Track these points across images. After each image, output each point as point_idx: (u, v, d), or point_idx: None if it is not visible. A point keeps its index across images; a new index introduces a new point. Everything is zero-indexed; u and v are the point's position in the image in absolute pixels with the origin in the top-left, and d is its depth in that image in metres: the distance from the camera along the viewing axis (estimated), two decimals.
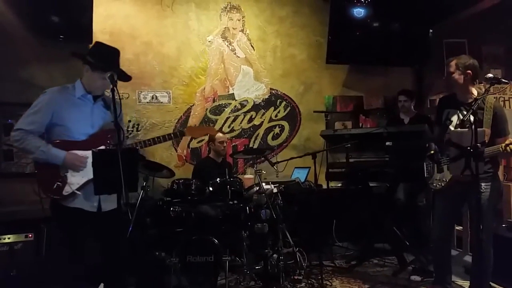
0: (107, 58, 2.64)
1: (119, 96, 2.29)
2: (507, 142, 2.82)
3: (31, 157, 2.60)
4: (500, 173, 4.26)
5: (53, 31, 4.28)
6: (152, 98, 5.05)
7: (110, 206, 2.65)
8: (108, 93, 2.55)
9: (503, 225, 3.80)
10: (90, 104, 2.71)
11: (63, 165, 2.55)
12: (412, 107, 4.90)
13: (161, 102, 5.06)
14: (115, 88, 2.32)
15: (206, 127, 3.16)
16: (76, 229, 2.56)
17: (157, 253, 3.54)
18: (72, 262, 2.61)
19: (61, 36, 4.35)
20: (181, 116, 5.16)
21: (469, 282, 3.43)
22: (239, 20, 5.38)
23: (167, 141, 2.94)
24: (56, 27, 4.22)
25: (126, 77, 2.72)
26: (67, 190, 2.55)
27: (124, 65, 2.79)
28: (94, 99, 2.72)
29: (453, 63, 3.11)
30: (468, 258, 4.02)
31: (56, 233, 3.61)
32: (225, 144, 4.61)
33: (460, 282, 3.71)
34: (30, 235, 3.65)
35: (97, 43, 2.77)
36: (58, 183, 2.55)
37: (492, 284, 3.40)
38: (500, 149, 2.84)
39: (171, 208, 3.83)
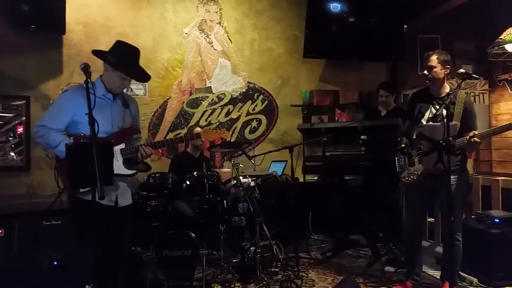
0: (127, 58, 2.69)
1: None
2: (470, 134, 2.91)
3: (52, 151, 2.63)
4: (470, 166, 4.42)
5: (24, 20, 4.14)
6: (127, 90, 4.95)
7: (126, 201, 2.76)
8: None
9: (472, 217, 3.93)
10: (110, 103, 2.72)
11: None
12: (392, 100, 4.92)
13: (137, 95, 4.95)
14: (89, 79, 2.27)
15: (220, 131, 3.38)
16: (93, 222, 2.48)
17: (133, 247, 3.50)
18: (81, 256, 2.60)
19: (32, 26, 4.21)
20: (157, 109, 5.10)
21: (440, 272, 3.54)
22: (216, 12, 5.34)
23: (180, 143, 3.14)
24: (27, 16, 4.06)
25: (145, 77, 2.85)
26: None
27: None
28: (113, 98, 2.73)
29: (434, 57, 3.10)
30: (440, 249, 4.14)
31: (27, 229, 3.54)
32: (203, 139, 4.58)
33: (431, 272, 3.82)
34: (0, 231, 3.53)
35: (118, 42, 2.78)
36: None
37: (462, 274, 3.52)
38: (465, 140, 2.93)
39: (148, 202, 3.80)
